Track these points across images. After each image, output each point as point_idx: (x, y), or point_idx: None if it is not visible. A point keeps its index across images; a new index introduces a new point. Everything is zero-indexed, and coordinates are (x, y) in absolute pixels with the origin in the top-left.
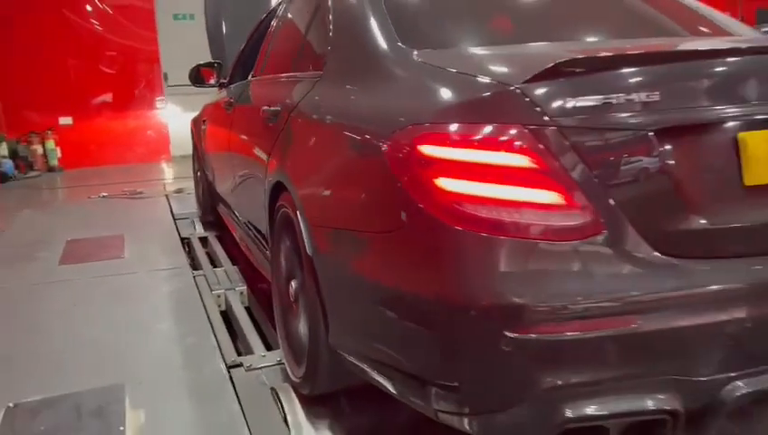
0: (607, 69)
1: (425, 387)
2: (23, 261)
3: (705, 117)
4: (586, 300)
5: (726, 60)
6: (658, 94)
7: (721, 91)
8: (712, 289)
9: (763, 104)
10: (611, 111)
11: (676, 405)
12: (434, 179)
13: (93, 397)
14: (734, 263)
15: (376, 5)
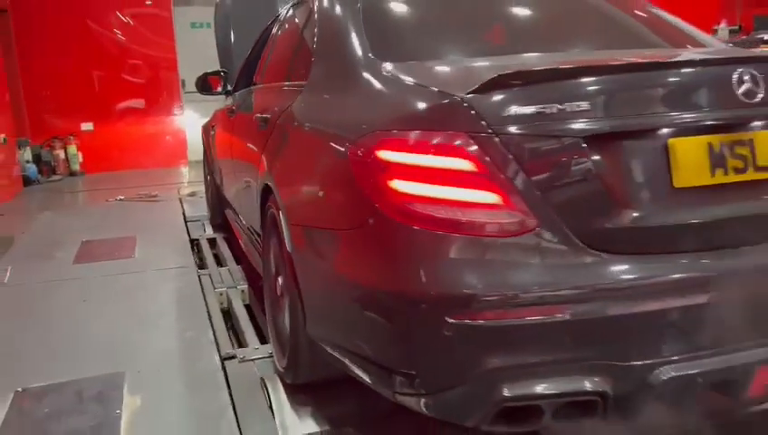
0: (542, 81)
1: (384, 370)
2: (40, 260)
3: (636, 125)
4: (520, 290)
5: (659, 72)
6: (589, 104)
7: (652, 100)
8: (639, 282)
9: (692, 112)
10: (545, 119)
11: (606, 388)
12: (388, 182)
13: (95, 383)
14: (662, 258)
15: (354, 21)
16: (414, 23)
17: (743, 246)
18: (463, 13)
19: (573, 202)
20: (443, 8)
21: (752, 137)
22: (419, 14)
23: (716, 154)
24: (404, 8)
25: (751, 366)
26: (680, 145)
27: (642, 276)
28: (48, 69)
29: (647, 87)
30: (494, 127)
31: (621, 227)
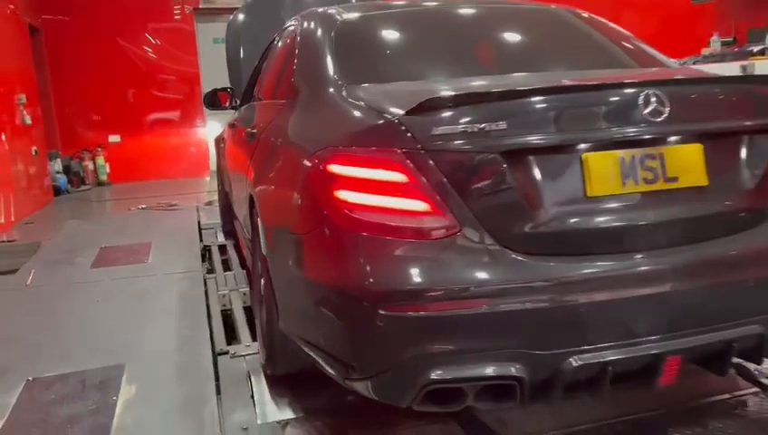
0: (466, 104)
1: (335, 360)
2: (61, 265)
3: (551, 141)
4: (444, 286)
5: (573, 94)
6: (507, 124)
7: (567, 119)
8: (552, 281)
9: (604, 130)
10: (468, 137)
11: (522, 374)
12: (335, 192)
13: (97, 374)
14: (576, 260)
15: (327, 47)
16: (378, 49)
17: (653, 249)
18: (423, 39)
19: (493, 209)
20: (405, 35)
21: (662, 151)
22: (384, 41)
23: (627, 167)
24: (371, 36)
25: (659, 357)
26: (593, 159)
27: (555, 275)
28: (78, 85)
29: (561, 107)
30: (424, 144)
31: (538, 232)
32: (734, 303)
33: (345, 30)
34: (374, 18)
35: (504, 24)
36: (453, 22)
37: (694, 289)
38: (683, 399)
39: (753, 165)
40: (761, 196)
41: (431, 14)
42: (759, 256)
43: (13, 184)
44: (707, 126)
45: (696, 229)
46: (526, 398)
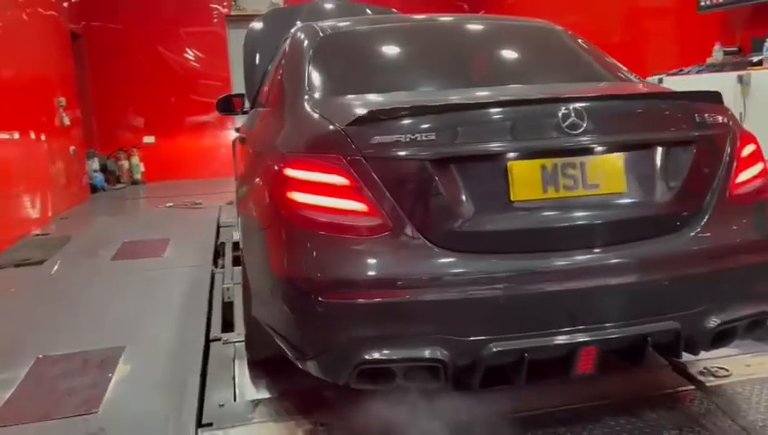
0: (400, 117)
1: (287, 342)
2: (85, 257)
3: (477, 150)
4: (376, 277)
5: (498, 108)
6: (436, 135)
7: (493, 130)
8: (476, 275)
9: (527, 141)
10: (400, 146)
11: (445, 357)
12: (288, 193)
13: (100, 354)
14: (500, 257)
15: (305, 62)
16: (349, 64)
17: (573, 249)
18: (392, 54)
19: (423, 211)
20: (376, 51)
21: (583, 160)
22: (356, 57)
23: (549, 174)
24: (345, 51)
25: (574, 347)
26: (517, 167)
27: (479, 270)
28: (115, 88)
29: (488, 120)
30: (363, 151)
31: (464, 231)
32: (649, 301)
33: (322, 45)
34: (351, 34)
35: (472, 40)
36: (423, 38)
37: (609, 287)
38: (622, 392)
39: (672, 175)
40: (678, 203)
41: (404, 30)
42: (675, 259)
43: (50, 181)
44: (628, 138)
45: (615, 233)
46: (450, 380)
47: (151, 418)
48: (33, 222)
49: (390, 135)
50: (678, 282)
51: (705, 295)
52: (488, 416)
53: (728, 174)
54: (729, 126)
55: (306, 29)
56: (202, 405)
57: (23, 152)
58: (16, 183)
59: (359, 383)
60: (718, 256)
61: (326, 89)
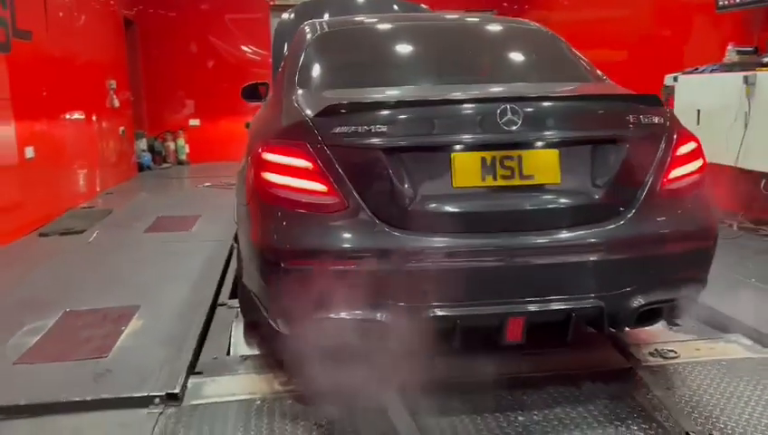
0: (357, 110)
1: (262, 303)
2: (121, 228)
3: (424, 142)
4: (331, 248)
5: (446, 106)
6: (387, 127)
7: (440, 125)
8: (418, 250)
9: (469, 135)
10: (357, 136)
11: (388, 320)
12: (262, 173)
13: (118, 311)
14: (441, 235)
15: (298, 59)
16: (337, 60)
17: (507, 231)
18: (378, 52)
19: (375, 193)
20: (363, 49)
21: (520, 154)
22: (343, 54)
23: (488, 165)
24: (335, 48)
25: (502, 317)
26: (459, 158)
27: (421, 247)
28: (165, 72)
29: (435, 116)
30: (325, 139)
31: (411, 212)
32: (575, 281)
33: (317, 42)
34: (344, 32)
35: (454, 41)
36: (409, 37)
37: (538, 266)
38: (567, 366)
39: (604, 169)
40: (609, 195)
41: (394, 30)
42: (602, 245)
43: (99, 159)
44: (562, 135)
45: (547, 219)
46: (393, 341)
47: (151, 364)
48: (81, 196)
49: (349, 126)
50: (604, 265)
51: (630, 278)
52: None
53: (660, 170)
54: (665, 126)
55: (309, 26)
56: (198, 357)
57: (75, 131)
58: (67, 160)
59: (315, 339)
60: (644, 244)
61: (312, 83)
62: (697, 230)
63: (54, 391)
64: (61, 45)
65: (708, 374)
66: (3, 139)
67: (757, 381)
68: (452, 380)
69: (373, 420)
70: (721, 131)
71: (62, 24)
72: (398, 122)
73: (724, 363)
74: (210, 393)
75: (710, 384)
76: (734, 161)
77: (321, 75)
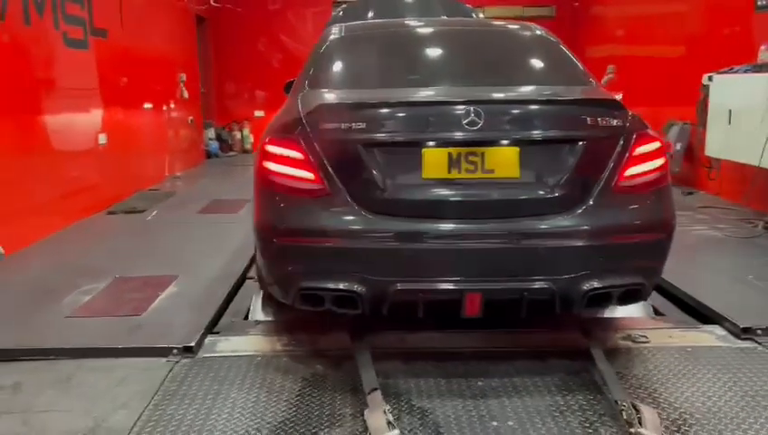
0: (340, 109)
1: (261, 275)
2: (178, 209)
3: (398, 139)
4: (315, 228)
5: (419, 107)
6: (366, 125)
7: (413, 124)
8: (389, 232)
9: (438, 133)
10: (340, 132)
11: (361, 291)
12: (264, 162)
13: (158, 278)
14: (410, 220)
15: (313, 61)
16: (343, 63)
17: (468, 218)
18: (381, 56)
19: (354, 181)
20: (368, 53)
21: (483, 151)
22: (350, 57)
23: (454, 160)
24: (344, 52)
25: (461, 293)
26: (428, 153)
27: (391, 229)
28: (233, 66)
29: (407, 116)
30: (314, 134)
31: (385, 199)
32: (528, 264)
33: (330, 45)
34: (354, 37)
35: (449, 45)
36: (410, 42)
37: (495, 250)
38: (530, 344)
39: (562, 166)
40: (565, 190)
41: (396, 36)
42: (555, 234)
43: (168, 146)
44: (523, 135)
45: (506, 208)
46: (366, 308)
47: (176, 323)
48: (150, 179)
49: (333, 123)
50: (555, 252)
51: (580, 265)
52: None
53: (617, 168)
54: (624, 128)
55: (329, 30)
56: (218, 320)
57: (145, 121)
58: (138, 147)
59: (300, 304)
60: (595, 235)
61: (318, 83)
62: (650, 224)
63: (94, 340)
64: (134, 42)
65: (668, 358)
66: (77, 127)
67: (713, 365)
68: (430, 349)
69: (348, 374)
70: (749, 132)
71: (136, 22)
72: (376, 121)
73: (690, 350)
74: (222, 349)
75: (666, 366)
76: (758, 162)
77: (326, 76)
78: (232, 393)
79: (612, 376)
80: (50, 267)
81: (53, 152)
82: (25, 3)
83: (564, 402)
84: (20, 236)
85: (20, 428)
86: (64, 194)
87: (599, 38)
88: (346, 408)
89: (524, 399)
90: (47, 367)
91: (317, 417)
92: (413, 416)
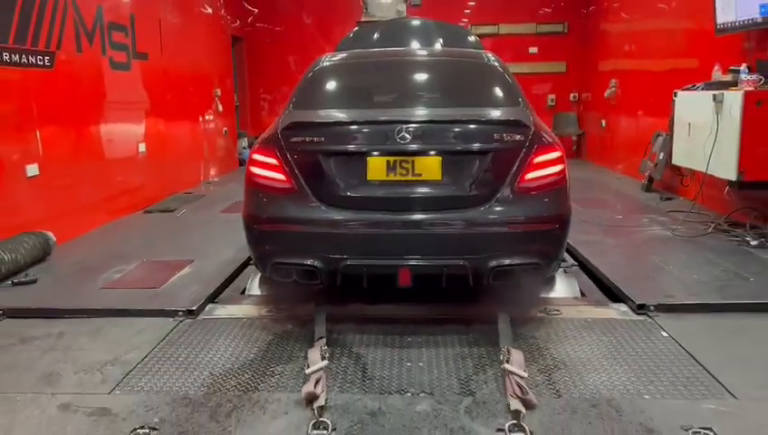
0: (304, 126)
1: (250, 256)
2: (204, 208)
3: (350, 149)
4: (284, 217)
5: (367, 124)
6: (324, 138)
7: (360, 137)
8: (341, 221)
9: (379, 145)
10: (305, 144)
11: (319, 266)
12: (251, 167)
13: (176, 262)
14: (359, 212)
15: (303, 82)
16: (323, 86)
17: (402, 211)
18: (355, 81)
19: (315, 182)
20: (345, 78)
21: (413, 159)
22: (325, 83)
23: (391, 166)
24: (326, 77)
25: (395, 268)
26: (371, 160)
27: (342, 218)
28: (266, 81)
29: (355, 132)
30: (287, 145)
31: (337, 195)
32: (447, 246)
33: (315, 72)
34: (334, 65)
35: (408, 73)
36: (377, 70)
37: (421, 235)
38: (469, 314)
39: (474, 171)
40: (477, 190)
41: (366, 65)
42: (467, 223)
43: (203, 154)
44: (443, 147)
45: (431, 204)
46: (324, 279)
47: (184, 293)
48: (186, 184)
49: (300, 137)
50: (467, 237)
51: (487, 248)
52: (367, 314)
53: (518, 173)
54: (525, 142)
55: (320, 58)
56: (220, 293)
57: (182, 132)
58: (175, 155)
59: (274, 275)
60: (497, 224)
61: (297, 104)
62: (545, 217)
63: (120, 304)
64: (173, 63)
65: (568, 326)
66: (121, 138)
67: (601, 332)
68: (379, 315)
69: (309, 332)
70: (701, 142)
71: (175, 45)
72: (332, 136)
73: (589, 321)
74: (218, 314)
75: (563, 331)
76: (706, 169)
77: (306, 99)
78: (218, 342)
79: (506, 333)
80: (92, 253)
81: (100, 160)
82: (78, 34)
83: (469, 352)
84: (72, 229)
85: (61, 360)
86: (109, 196)
87: (605, 53)
88: (301, 352)
89: (439, 350)
90: (83, 322)
91: (278, 357)
92: (350, 358)
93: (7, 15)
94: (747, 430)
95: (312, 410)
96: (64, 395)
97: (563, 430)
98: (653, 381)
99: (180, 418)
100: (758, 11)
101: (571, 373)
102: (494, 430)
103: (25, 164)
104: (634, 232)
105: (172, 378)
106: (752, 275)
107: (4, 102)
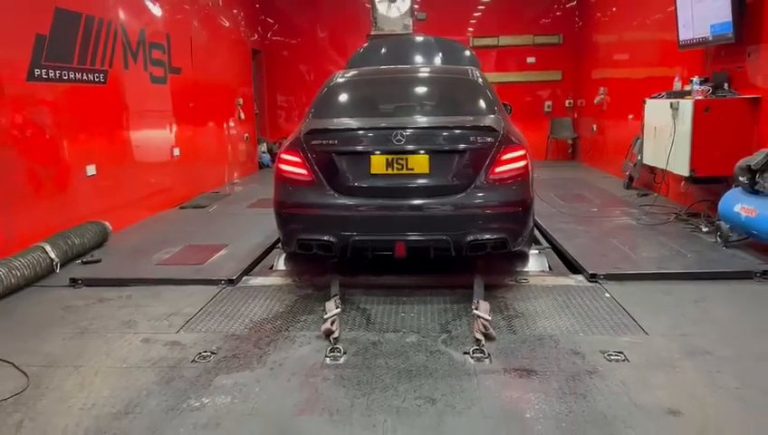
0: (321, 132)
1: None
2: (232, 205)
3: (357, 149)
4: (306, 203)
5: (373, 129)
6: (338, 141)
7: (366, 140)
8: (351, 205)
9: (380, 146)
10: (322, 146)
11: (333, 241)
12: (278, 164)
13: (214, 246)
14: (364, 198)
15: (322, 93)
16: (338, 98)
17: (399, 198)
18: (365, 94)
19: (330, 175)
20: (357, 91)
21: (407, 157)
22: (340, 95)
23: (389, 162)
24: (340, 90)
25: (393, 242)
26: (374, 158)
27: (352, 204)
28: (284, 91)
29: (362, 135)
30: (308, 147)
31: (347, 186)
32: (434, 225)
33: (331, 85)
34: (347, 80)
35: (408, 86)
36: (382, 85)
37: (414, 216)
38: (456, 283)
39: (455, 166)
40: (457, 180)
41: (374, 80)
42: (450, 206)
43: (227, 158)
44: (431, 148)
45: (422, 192)
46: (337, 252)
47: (224, 268)
48: (212, 184)
49: (318, 140)
50: (450, 217)
51: (465, 225)
52: (373, 282)
53: (489, 167)
54: (495, 143)
55: (334, 75)
56: (253, 268)
57: (209, 138)
58: (203, 159)
59: (299, 250)
60: (473, 207)
61: (316, 113)
62: (511, 201)
63: (174, 275)
64: (202, 75)
65: (531, 290)
66: (159, 144)
67: (556, 294)
68: (383, 283)
69: (326, 295)
70: (663, 144)
71: (203, 60)
72: (343, 139)
73: (550, 286)
74: (252, 283)
75: (526, 294)
76: (666, 167)
77: (323, 109)
78: (255, 301)
79: (479, 291)
80: (142, 239)
81: (142, 162)
82: (125, 53)
83: (450, 307)
84: (122, 221)
85: (134, 313)
86: (149, 193)
87: (596, 63)
88: (320, 307)
89: (428, 305)
90: (146, 288)
91: (302, 310)
92: (357, 311)
93: (72, 41)
94: (649, 353)
95: (329, 340)
96: (144, 334)
97: (513, 352)
98: (588, 325)
99: (231, 346)
100: (709, 31)
101: (527, 320)
102: (461, 353)
103: (86, 165)
104: (604, 222)
105: (222, 324)
106: (690, 253)
107: (69, 113)
